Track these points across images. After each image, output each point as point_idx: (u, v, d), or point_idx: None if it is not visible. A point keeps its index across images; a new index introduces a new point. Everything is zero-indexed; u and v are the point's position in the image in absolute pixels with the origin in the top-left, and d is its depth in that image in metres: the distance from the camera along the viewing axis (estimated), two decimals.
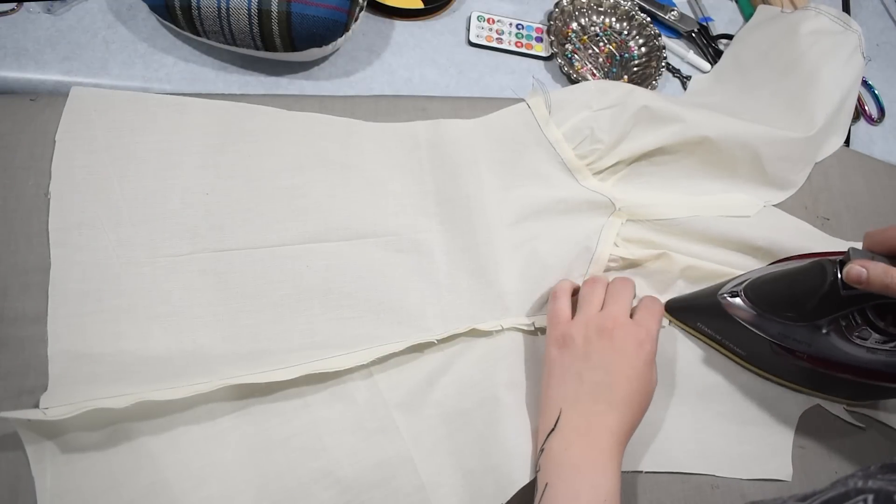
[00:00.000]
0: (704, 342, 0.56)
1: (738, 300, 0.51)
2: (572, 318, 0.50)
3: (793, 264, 0.51)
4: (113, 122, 0.51)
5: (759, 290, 0.50)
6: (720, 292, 0.52)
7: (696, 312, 0.55)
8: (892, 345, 0.47)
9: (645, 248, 0.57)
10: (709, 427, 0.53)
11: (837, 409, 0.55)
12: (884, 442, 0.55)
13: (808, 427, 0.54)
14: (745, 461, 0.52)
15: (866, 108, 0.76)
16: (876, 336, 0.46)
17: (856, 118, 0.75)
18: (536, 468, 0.45)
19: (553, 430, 0.45)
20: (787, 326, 0.49)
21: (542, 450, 0.45)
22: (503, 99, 0.62)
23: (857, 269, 0.42)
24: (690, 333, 0.57)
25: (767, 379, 0.55)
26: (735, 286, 0.52)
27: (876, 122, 0.76)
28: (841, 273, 0.44)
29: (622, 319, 0.48)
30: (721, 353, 0.56)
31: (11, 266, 0.46)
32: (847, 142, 0.72)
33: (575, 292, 0.53)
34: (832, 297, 0.45)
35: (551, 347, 0.49)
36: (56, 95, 0.52)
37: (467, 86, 0.65)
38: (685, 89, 0.71)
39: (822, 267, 0.45)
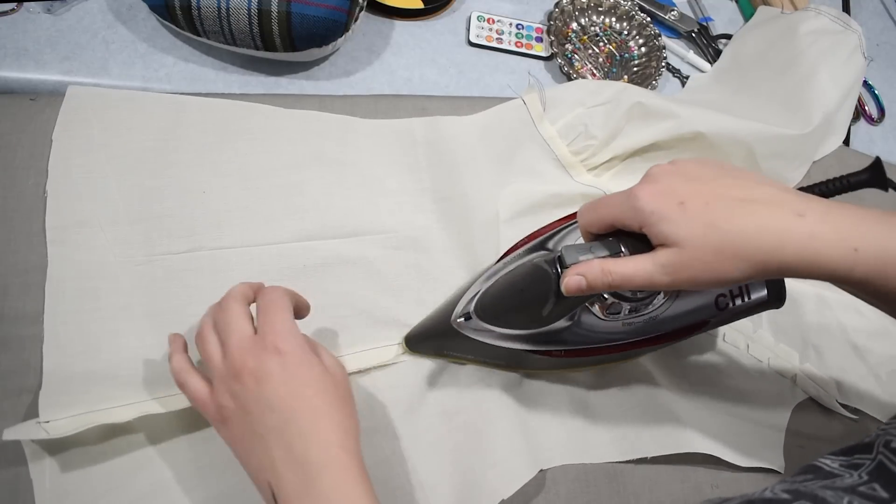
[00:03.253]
0: (461, 363, 0.51)
1: (473, 321, 0.45)
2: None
3: (513, 266, 0.46)
4: (110, 121, 0.51)
5: (489, 307, 0.45)
6: (453, 317, 0.46)
7: (438, 340, 0.49)
8: (644, 311, 0.44)
9: None
10: (711, 415, 0.53)
11: (830, 402, 0.56)
12: None
13: (807, 424, 0.54)
14: (742, 448, 0.52)
15: (866, 108, 0.76)
16: (627, 306, 0.43)
17: (856, 118, 0.75)
18: None
19: None
20: (534, 333, 0.44)
21: None
22: (503, 99, 0.62)
23: (574, 280, 0.37)
24: (444, 360, 0.51)
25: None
26: (465, 306, 0.46)
27: (876, 122, 0.76)
28: (560, 280, 0.38)
29: (245, 345, 0.39)
30: (487, 366, 0.51)
31: (12, 266, 0.46)
32: (847, 141, 0.72)
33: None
34: (564, 299, 0.40)
35: (218, 430, 0.40)
36: (56, 95, 0.52)
37: (467, 86, 0.65)
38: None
39: (542, 270, 0.41)
